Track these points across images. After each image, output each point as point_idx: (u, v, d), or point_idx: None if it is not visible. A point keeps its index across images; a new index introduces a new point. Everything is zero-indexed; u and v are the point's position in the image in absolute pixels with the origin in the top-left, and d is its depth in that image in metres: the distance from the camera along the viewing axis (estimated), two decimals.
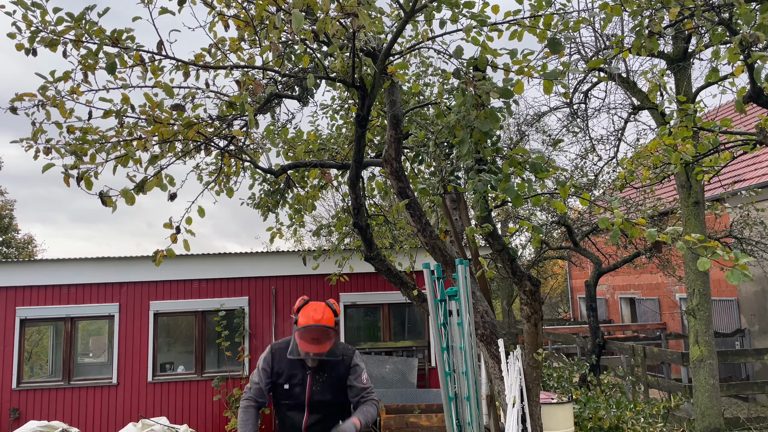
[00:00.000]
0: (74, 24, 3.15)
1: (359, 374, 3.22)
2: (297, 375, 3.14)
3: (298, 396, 3.13)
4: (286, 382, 3.14)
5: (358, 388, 3.20)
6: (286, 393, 3.15)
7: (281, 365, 3.16)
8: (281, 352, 3.19)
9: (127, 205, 3.44)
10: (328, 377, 3.16)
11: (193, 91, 3.76)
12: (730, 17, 3.62)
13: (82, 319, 8.94)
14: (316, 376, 3.15)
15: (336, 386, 3.17)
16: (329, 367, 3.17)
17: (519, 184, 3.20)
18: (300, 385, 3.13)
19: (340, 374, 3.18)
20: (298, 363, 3.16)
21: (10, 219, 20.14)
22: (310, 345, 3.03)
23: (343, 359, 3.20)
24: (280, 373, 3.15)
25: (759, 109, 12.74)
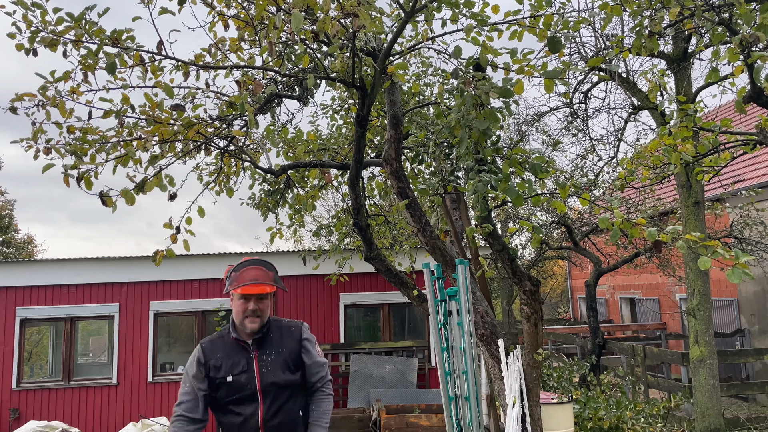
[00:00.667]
0: (74, 24, 3.15)
1: (313, 348, 2.81)
2: (240, 360, 2.68)
3: (245, 384, 2.65)
4: (228, 373, 2.65)
5: (317, 364, 2.79)
6: (230, 387, 2.66)
7: (217, 356, 2.69)
8: (213, 344, 2.74)
9: (127, 205, 3.44)
10: (277, 353, 2.71)
11: (193, 91, 3.76)
12: (730, 17, 3.62)
13: (82, 319, 8.94)
14: (263, 356, 2.69)
15: (288, 362, 2.72)
16: (277, 340, 2.74)
17: (519, 184, 3.20)
18: (246, 372, 2.66)
19: (291, 349, 2.75)
20: (238, 347, 2.70)
21: (10, 219, 20.14)
22: (249, 286, 2.61)
23: (292, 330, 2.79)
24: (218, 366, 2.67)
25: (759, 109, 12.75)
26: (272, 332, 2.74)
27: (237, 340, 2.69)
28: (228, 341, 2.71)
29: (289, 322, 2.82)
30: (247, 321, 2.63)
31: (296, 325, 2.81)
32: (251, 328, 2.64)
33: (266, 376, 2.66)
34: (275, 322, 2.77)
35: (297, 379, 2.72)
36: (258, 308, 2.64)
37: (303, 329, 2.80)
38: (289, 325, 2.80)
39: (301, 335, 2.77)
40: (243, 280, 2.63)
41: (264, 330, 2.70)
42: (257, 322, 2.64)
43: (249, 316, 2.63)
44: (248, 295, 2.62)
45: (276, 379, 2.66)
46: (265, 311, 2.67)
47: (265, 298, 2.66)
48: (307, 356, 2.76)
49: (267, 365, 2.68)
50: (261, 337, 2.70)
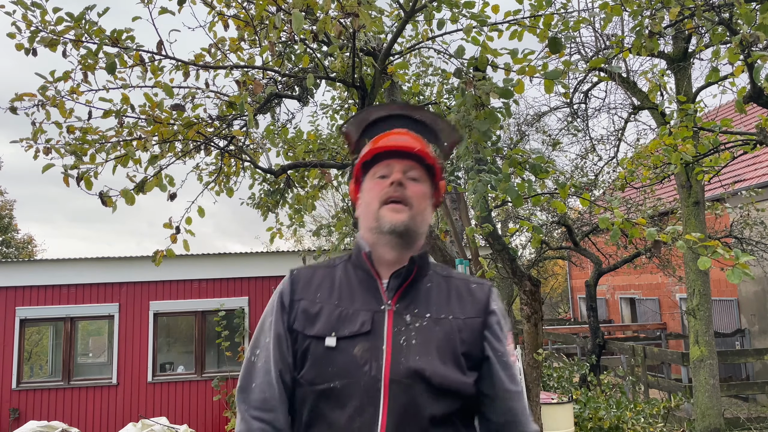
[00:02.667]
0: (74, 24, 3.15)
1: (504, 336, 1.43)
2: (357, 310, 1.37)
3: (359, 363, 1.30)
4: (329, 330, 1.34)
5: (510, 376, 1.39)
6: (327, 361, 1.32)
7: (316, 294, 1.42)
8: (316, 272, 1.49)
9: (126, 205, 3.44)
10: (436, 320, 1.37)
11: (193, 91, 3.76)
12: (730, 17, 3.62)
13: (82, 319, 8.94)
14: (405, 315, 1.36)
15: (456, 344, 1.35)
16: (439, 297, 1.41)
17: (519, 184, 3.20)
18: (365, 336, 1.33)
19: (467, 322, 1.38)
20: (362, 280, 1.42)
21: (9, 219, 20.14)
22: (390, 138, 1.46)
23: (471, 289, 1.45)
24: (315, 313, 1.38)
25: (759, 109, 12.74)
26: (431, 280, 1.43)
27: (362, 264, 1.43)
28: (346, 271, 1.45)
29: (465, 275, 1.53)
30: (386, 209, 1.38)
31: (480, 284, 1.47)
32: (393, 222, 1.36)
33: (406, 356, 1.29)
34: (438, 269, 1.48)
35: (468, 385, 1.32)
36: (405, 189, 1.39)
37: (492, 294, 1.44)
38: (466, 280, 1.47)
39: (488, 302, 1.41)
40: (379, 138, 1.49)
41: (415, 266, 1.39)
42: (405, 212, 1.37)
43: (390, 201, 1.38)
44: (389, 160, 1.42)
45: (425, 366, 1.28)
46: (417, 202, 1.40)
47: (417, 180, 1.42)
48: (494, 347, 1.37)
49: (411, 332, 1.33)
50: (408, 280, 1.39)
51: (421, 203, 1.42)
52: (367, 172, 1.48)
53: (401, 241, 1.39)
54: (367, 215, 1.43)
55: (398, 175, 1.41)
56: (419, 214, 1.41)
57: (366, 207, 1.45)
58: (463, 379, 1.33)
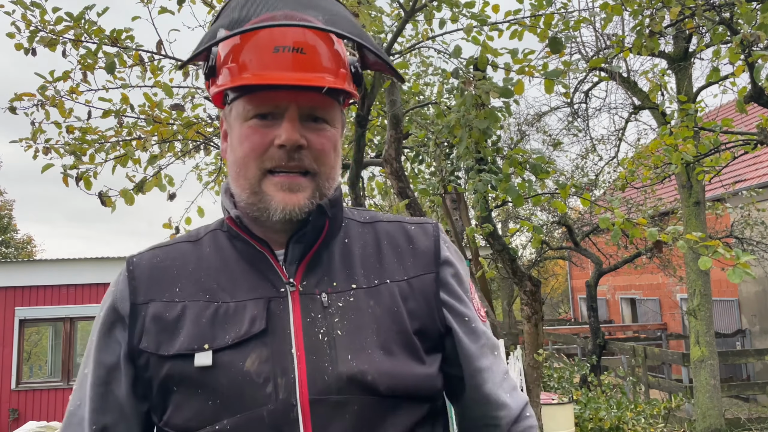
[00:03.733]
0: (73, 23, 3.14)
1: (466, 292, 0.99)
2: (242, 302, 0.88)
3: (257, 383, 0.82)
4: (199, 341, 0.85)
5: (477, 348, 0.96)
6: (204, 391, 0.83)
7: (174, 288, 0.90)
8: (166, 256, 0.94)
9: (126, 205, 3.44)
10: (365, 289, 0.91)
11: (193, 91, 3.75)
12: (730, 17, 3.61)
13: (82, 319, 8.93)
14: (315, 291, 0.90)
15: (398, 322, 0.89)
16: (362, 254, 0.95)
17: (519, 184, 3.19)
18: (260, 339, 0.85)
19: (412, 275, 0.95)
20: (245, 254, 0.92)
21: (9, 219, 20.15)
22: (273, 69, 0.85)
23: (410, 233, 0.99)
24: (172, 321, 0.87)
25: (760, 108, 12.73)
26: (349, 234, 0.98)
27: (244, 237, 0.93)
28: (216, 243, 0.96)
29: (396, 216, 1.06)
30: (274, 186, 0.89)
31: (420, 224, 1.02)
32: (287, 208, 0.88)
33: (331, 356, 0.86)
34: (356, 214, 1.03)
35: (431, 377, 0.91)
36: (304, 148, 0.88)
37: (440, 235, 1.01)
38: (399, 222, 1.02)
39: (437, 249, 0.98)
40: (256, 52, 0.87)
41: (326, 221, 0.93)
42: (305, 190, 0.89)
43: (279, 171, 0.89)
44: (273, 101, 0.88)
45: (364, 366, 0.85)
46: (324, 161, 0.91)
47: (321, 122, 0.91)
48: (456, 311, 0.96)
49: (333, 321, 0.88)
50: (317, 243, 0.93)
51: (329, 159, 0.90)
52: (237, 97, 0.90)
53: (298, 223, 0.89)
54: (239, 178, 0.89)
55: (293, 135, 0.85)
56: (327, 177, 0.90)
57: (237, 164, 0.89)
58: (422, 371, 0.88)
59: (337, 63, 0.90)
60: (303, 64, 0.85)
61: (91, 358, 0.91)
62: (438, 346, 0.94)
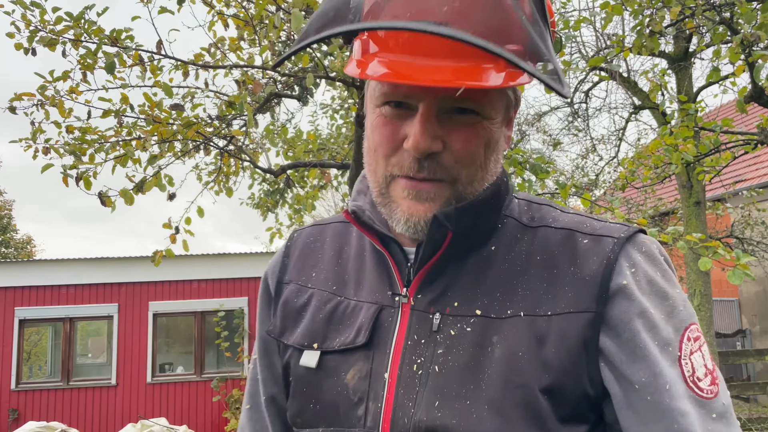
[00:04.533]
0: (73, 23, 3.15)
1: (652, 342, 0.67)
2: (360, 303, 0.80)
3: (352, 400, 0.75)
4: (311, 337, 0.80)
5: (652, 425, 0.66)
6: (308, 392, 0.79)
7: (311, 273, 0.87)
8: (321, 234, 0.91)
9: (126, 205, 3.43)
10: (491, 318, 0.72)
11: (193, 91, 3.75)
12: (731, 16, 3.60)
13: (81, 319, 8.93)
14: (429, 309, 0.75)
15: (521, 372, 0.68)
16: (509, 258, 0.75)
17: (519, 184, 3.19)
18: (363, 351, 0.76)
19: (561, 310, 0.70)
20: (376, 250, 0.81)
21: (8, 219, 20.14)
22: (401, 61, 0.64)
23: (589, 244, 0.73)
24: (298, 309, 0.84)
25: (760, 108, 12.73)
26: (500, 239, 0.77)
27: (369, 233, 0.80)
28: (356, 236, 0.88)
29: (575, 218, 0.78)
30: (401, 194, 0.74)
31: (597, 237, 0.73)
32: (410, 219, 0.73)
33: (418, 396, 0.71)
34: (523, 211, 0.80)
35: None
36: (439, 154, 0.70)
37: (621, 255, 0.71)
38: (571, 231, 0.75)
39: (609, 275, 0.70)
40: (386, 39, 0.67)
41: (448, 234, 0.73)
42: (435, 200, 0.72)
43: (409, 177, 0.72)
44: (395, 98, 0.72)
45: (449, 422, 0.68)
46: (467, 162, 0.71)
47: (468, 114, 0.70)
48: (620, 371, 0.68)
49: (436, 353, 0.73)
50: (438, 253, 0.75)
51: (476, 158, 0.72)
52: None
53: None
54: (370, 172, 0.78)
55: (423, 141, 0.68)
56: (471, 181, 0.73)
57: (369, 155, 0.78)
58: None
59: (502, 32, 0.61)
60: (448, 48, 0.62)
61: (258, 330, 0.91)
62: (581, 417, 0.69)
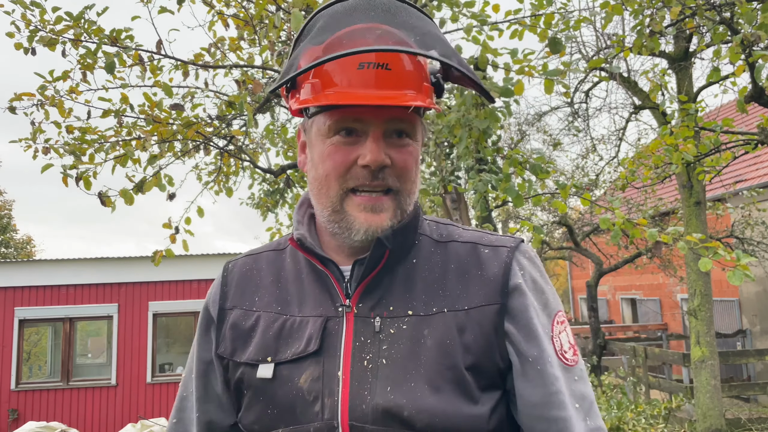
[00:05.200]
0: (73, 23, 3.14)
1: (538, 327, 0.88)
2: (306, 318, 0.92)
3: (307, 400, 0.86)
4: (264, 352, 0.91)
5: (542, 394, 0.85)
6: (265, 400, 0.89)
7: (254, 298, 0.97)
8: (254, 263, 1.02)
9: (125, 205, 3.43)
10: (421, 316, 0.88)
11: (193, 91, 3.75)
12: (731, 16, 3.60)
13: (81, 319, 8.93)
14: (370, 314, 0.89)
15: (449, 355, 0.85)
16: (430, 268, 0.93)
17: (519, 184, 3.19)
18: (314, 357, 0.88)
19: (474, 304, 0.88)
20: (311, 279, 0.95)
21: (8, 219, 20.15)
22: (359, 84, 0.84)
23: (489, 253, 0.93)
24: (247, 330, 0.95)
25: (760, 108, 12.73)
26: (419, 254, 0.94)
27: (311, 256, 0.94)
28: (295, 257, 0.99)
29: (476, 234, 0.98)
30: (357, 208, 0.89)
31: (494, 247, 0.94)
32: (369, 230, 0.89)
33: (372, 384, 0.85)
34: (433, 230, 0.99)
35: (478, 419, 0.85)
36: (388, 167, 0.88)
37: (514, 259, 0.92)
38: (474, 244, 0.95)
39: (507, 275, 0.90)
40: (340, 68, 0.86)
41: (386, 252, 0.91)
42: (388, 210, 0.90)
43: (363, 189, 0.89)
44: (357, 116, 0.87)
45: (402, 400, 0.83)
46: (406, 177, 0.91)
47: (404, 137, 0.90)
48: (519, 348, 0.88)
49: (381, 349, 0.87)
50: (376, 269, 0.91)
51: (411, 175, 0.90)
52: (319, 112, 0.89)
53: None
54: (321, 196, 0.89)
55: (379, 156, 0.84)
56: (408, 194, 0.90)
57: (319, 182, 0.89)
58: (470, 410, 0.82)
59: (420, 76, 0.89)
60: (387, 81, 0.84)
61: (195, 352, 1.02)
62: (497, 384, 0.88)
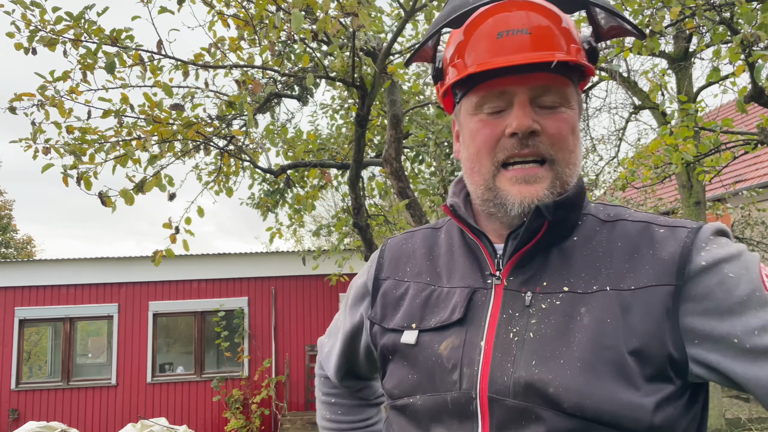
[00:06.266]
0: (73, 23, 3.14)
1: (742, 296, 0.75)
2: (452, 288, 0.90)
3: (446, 368, 0.83)
4: (410, 319, 0.91)
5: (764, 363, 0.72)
6: (407, 366, 0.89)
7: (405, 269, 0.98)
8: (410, 239, 1.03)
9: (126, 205, 3.43)
10: (578, 294, 0.81)
11: (193, 91, 3.75)
12: (731, 16, 3.60)
13: (81, 319, 8.93)
14: (521, 288, 0.85)
15: (610, 336, 0.76)
16: (591, 246, 0.85)
17: None
18: (457, 326, 0.85)
19: (642, 284, 0.78)
20: (466, 244, 0.94)
21: (8, 219, 20.15)
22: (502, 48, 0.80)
23: (665, 232, 0.82)
24: (396, 299, 0.95)
25: (760, 108, 12.74)
26: (580, 232, 0.87)
27: (464, 225, 0.92)
28: (449, 234, 1.00)
29: (650, 216, 0.88)
30: (509, 181, 0.84)
31: (673, 227, 0.83)
32: (524, 201, 0.83)
33: (516, 358, 0.80)
34: (600, 210, 0.91)
35: (641, 410, 0.74)
36: (539, 135, 0.82)
37: (698, 239, 0.80)
38: (648, 223, 0.85)
39: (687, 255, 0.78)
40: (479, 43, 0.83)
41: (545, 223, 0.83)
42: (543, 180, 0.83)
43: (515, 161, 0.84)
44: (503, 78, 0.83)
45: (548, 377, 0.76)
46: (562, 146, 0.83)
47: (556, 106, 0.83)
48: (711, 336, 0.75)
49: (530, 323, 0.81)
50: (530, 243, 0.85)
51: (568, 143, 0.83)
52: (465, 93, 0.87)
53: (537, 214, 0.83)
54: (473, 174, 0.88)
55: (525, 120, 0.80)
56: (567, 163, 0.84)
57: (470, 160, 0.88)
58: (630, 398, 0.73)
59: (567, 39, 0.82)
60: (529, 44, 0.80)
61: (347, 314, 1.07)
62: (667, 376, 0.76)
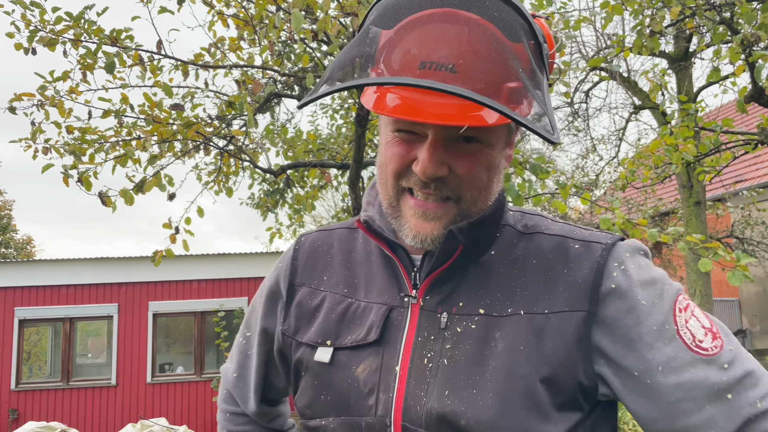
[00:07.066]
0: (73, 23, 3.14)
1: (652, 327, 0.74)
2: (370, 304, 0.85)
3: (362, 392, 0.80)
4: (325, 335, 0.86)
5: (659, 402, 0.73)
6: (321, 385, 0.84)
7: (322, 276, 0.92)
8: (327, 239, 0.96)
9: (126, 205, 3.43)
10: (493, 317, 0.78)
11: (193, 91, 3.75)
12: (731, 16, 3.60)
13: (81, 319, 8.93)
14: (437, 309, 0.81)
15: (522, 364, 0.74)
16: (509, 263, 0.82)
17: (519, 184, 3.19)
18: (374, 347, 0.81)
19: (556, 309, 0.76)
20: (380, 263, 0.88)
21: (8, 219, 20.15)
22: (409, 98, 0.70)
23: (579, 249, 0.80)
24: (312, 309, 0.90)
25: (760, 108, 12.73)
26: (499, 246, 0.84)
27: (380, 240, 0.86)
28: (366, 237, 0.93)
29: (568, 228, 0.85)
30: (410, 211, 0.80)
31: (587, 243, 0.81)
32: (418, 235, 0.79)
33: (429, 387, 0.77)
34: (518, 220, 0.88)
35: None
36: (447, 175, 0.76)
37: (611, 256, 0.78)
38: (563, 238, 0.83)
39: (599, 276, 0.77)
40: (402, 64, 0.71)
41: (459, 247, 0.80)
42: (442, 219, 0.79)
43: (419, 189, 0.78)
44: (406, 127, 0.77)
45: (459, 408, 0.74)
46: (470, 184, 0.77)
47: (473, 143, 0.76)
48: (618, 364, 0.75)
49: (444, 348, 0.79)
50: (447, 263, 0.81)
51: (479, 181, 0.77)
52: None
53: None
54: (382, 185, 0.83)
55: (430, 168, 0.73)
56: (475, 201, 0.78)
57: (380, 169, 0.83)
58: (538, 428, 0.72)
59: (502, 73, 0.68)
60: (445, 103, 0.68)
61: (258, 322, 0.97)
62: (576, 404, 0.74)
